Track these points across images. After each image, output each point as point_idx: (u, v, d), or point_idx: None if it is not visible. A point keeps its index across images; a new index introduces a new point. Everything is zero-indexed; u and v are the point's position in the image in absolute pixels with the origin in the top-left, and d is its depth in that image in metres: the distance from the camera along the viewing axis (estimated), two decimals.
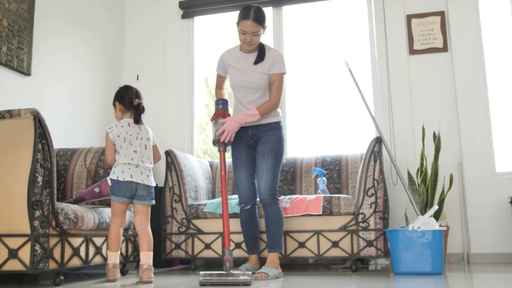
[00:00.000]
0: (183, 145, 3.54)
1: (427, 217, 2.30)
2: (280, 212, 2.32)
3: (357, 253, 2.51)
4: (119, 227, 2.13)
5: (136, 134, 2.17)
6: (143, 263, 2.08)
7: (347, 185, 2.96)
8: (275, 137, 2.33)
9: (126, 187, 2.07)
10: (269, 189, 2.28)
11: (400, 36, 3.28)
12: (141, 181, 2.10)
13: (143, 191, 2.10)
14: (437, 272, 2.26)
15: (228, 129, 2.23)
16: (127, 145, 2.12)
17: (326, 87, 3.55)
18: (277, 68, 2.31)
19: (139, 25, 3.77)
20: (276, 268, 2.25)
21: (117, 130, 2.14)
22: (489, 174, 2.99)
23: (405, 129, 3.18)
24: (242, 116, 2.28)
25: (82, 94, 3.25)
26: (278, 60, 2.31)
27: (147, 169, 2.15)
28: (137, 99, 2.19)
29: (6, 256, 1.85)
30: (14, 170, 1.88)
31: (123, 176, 2.07)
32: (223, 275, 1.89)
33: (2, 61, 2.55)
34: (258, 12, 2.24)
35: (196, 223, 2.74)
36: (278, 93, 2.31)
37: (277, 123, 2.36)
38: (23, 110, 1.91)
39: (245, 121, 2.27)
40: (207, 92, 4.02)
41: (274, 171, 2.29)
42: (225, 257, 1.92)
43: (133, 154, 2.12)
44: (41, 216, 1.90)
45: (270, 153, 2.30)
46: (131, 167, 2.10)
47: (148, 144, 2.21)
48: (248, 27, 2.22)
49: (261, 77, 2.32)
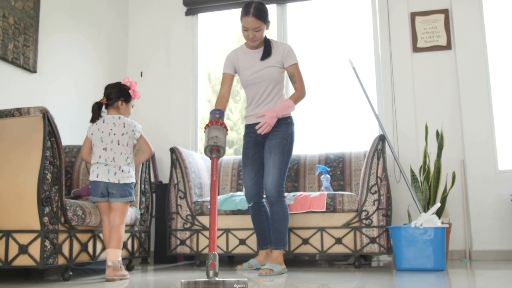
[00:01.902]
0: (187, 142, 3.56)
1: (429, 214, 2.33)
2: (286, 210, 2.32)
3: (360, 250, 2.54)
4: (108, 223, 2.14)
5: (109, 130, 2.14)
6: (108, 260, 2.03)
7: (350, 182, 2.99)
8: (282, 133, 2.31)
9: (96, 186, 2.09)
10: (275, 186, 2.27)
11: (403, 34, 3.28)
12: (107, 180, 2.07)
13: (112, 189, 2.09)
14: (439, 268, 2.28)
15: (268, 122, 2.23)
16: (98, 142, 2.13)
17: (329, 85, 3.56)
18: (291, 60, 2.34)
19: (143, 22, 3.78)
20: (280, 265, 2.27)
21: (92, 128, 2.17)
22: (491, 172, 3.01)
23: (408, 126, 3.19)
24: (278, 108, 2.27)
25: (87, 91, 3.27)
26: (289, 52, 2.35)
27: (116, 166, 2.10)
28: (104, 96, 2.19)
29: (17, 252, 1.88)
30: (24, 168, 1.91)
31: (92, 176, 2.10)
32: (211, 284, 1.48)
33: (9, 58, 2.57)
34: (259, 8, 2.24)
35: (201, 219, 2.77)
36: (302, 82, 2.34)
37: (286, 119, 2.33)
38: (32, 108, 1.93)
39: (282, 113, 2.27)
40: (210, 87, 4.04)
41: (281, 168, 2.28)
42: (210, 261, 1.56)
43: (102, 151, 2.11)
44: (51, 213, 1.93)
45: (277, 149, 2.28)
46: (100, 166, 2.10)
47: (123, 139, 2.14)
48: (249, 23, 2.23)
49: (272, 70, 2.33)
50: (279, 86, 2.36)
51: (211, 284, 1.46)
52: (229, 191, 3.17)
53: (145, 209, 2.68)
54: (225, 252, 2.70)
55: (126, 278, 2.08)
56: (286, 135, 2.31)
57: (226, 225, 2.72)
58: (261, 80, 2.33)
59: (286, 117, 2.34)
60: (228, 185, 3.19)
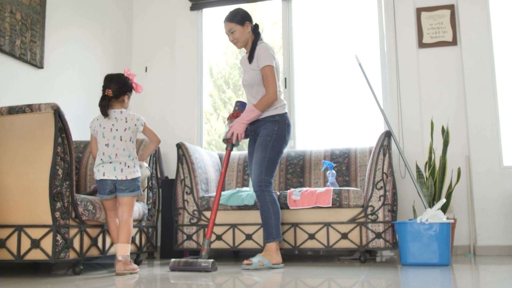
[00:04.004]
0: (192, 137, 3.58)
1: (434, 210, 2.34)
2: (268, 204, 2.32)
3: (365, 245, 2.56)
4: (115, 218, 2.17)
5: (111, 126, 2.11)
6: (118, 255, 2.05)
7: (356, 178, 3.00)
8: (267, 131, 2.38)
9: (103, 184, 2.09)
10: (257, 181, 2.34)
11: (409, 30, 3.28)
12: (114, 177, 2.07)
13: (120, 185, 2.10)
14: (444, 263, 2.30)
15: (235, 130, 2.37)
16: (100, 138, 2.11)
17: (335, 80, 3.57)
18: (262, 62, 2.36)
19: (148, 17, 3.78)
20: (269, 258, 2.27)
21: (93, 124, 2.15)
22: (496, 168, 3.02)
23: (414, 122, 3.20)
24: (243, 114, 2.38)
25: (93, 86, 3.28)
26: (260, 54, 2.37)
27: (121, 163, 2.09)
28: (108, 89, 2.09)
29: (29, 246, 1.91)
30: (35, 163, 1.93)
31: (98, 175, 2.09)
32: (188, 263, 2.17)
33: (16, 54, 2.58)
34: (232, 12, 2.43)
35: (207, 214, 2.79)
36: (269, 85, 2.34)
37: (272, 117, 2.38)
38: (43, 105, 1.95)
39: (247, 119, 2.36)
40: (212, 82, 4.05)
41: (262, 164, 2.33)
42: (202, 246, 2.22)
43: (105, 148, 2.10)
44: (62, 208, 1.95)
45: (260, 147, 2.36)
46: (105, 165, 2.09)
47: (125, 135, 2.12)
48: (225, 27, 2.43)
49: (253, 74, 2.41)
50: (260, 86, 2.39)
51: (187, 262, 2.16)
52: (235, 186, 3.19)
53: (152, 204, 2.70)
54: (232, 247, 2.73)
55: (135, 272, 2.11)
56: (270, 132, 2.37)
57: (232, 220, 2.74)
58: (247, 83, 2.44)
59: (273, 115, 2.39)
60: (234, 181, 3.21)
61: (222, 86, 4.77)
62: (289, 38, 3.56)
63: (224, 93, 4.79)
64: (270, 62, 2.35)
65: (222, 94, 4.77)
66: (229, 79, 4.85)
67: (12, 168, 1.97)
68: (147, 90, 3.66)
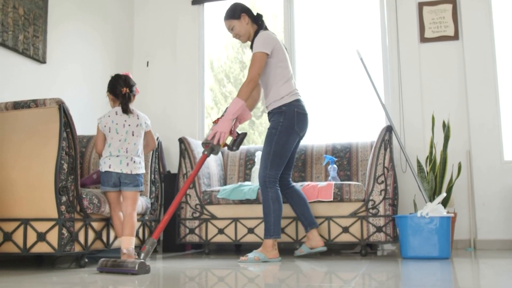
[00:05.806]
0: (194, 131, 3.60)
1: (435, 204, 2.37)
2: (269, 201, 2.31)
3: (366, 239, 2.58)
4: (119, 212, 2.20)
5: (124, 121, 2.18)
6: (123, 247, 2.09)
7: (357, 172, 3.02)
8: (273, 123, 2.36)
9: (108, 177, 2.13)
10: (261, 177, 2.34)
11: (411, 24, 3.28)
12: (120, 170, 2.12)
13: (125, 179, 2.14)
14: (444, 257, 2.33)
15: (218, 130, 2.15)
16: (113, 134, 2.16)
17: (337, 75, 3.57)
18: (254, 49, 2.33)
19: (149, 12, 3.78)
20: (265, 253, 2.29)
21: (104, 120, 2.19)
22: (497, 162, 3.04)
23: (415, 117, 3.21)
24: (228, 109, 2.21)
25: (95, 80, 3.29)
26: (255, 42, 2.35)
27: (128, 157, 2.15)
28: (125, 87, 2.19)
29: (35, 239, 1.94)
30: (40, 158, 1.95)
31: (104, 167, 2.14)
32: (115, 264, 1.84)
33: (20, 49, 2.59)
34: (228, 9, 2.43)
35: (210, 208, 2.82)
36: (251, 69, 2.25)
37: (278, 108, 2.34)
38: (48, 100, 1.96)
39: (232, 112, 2.18)
40: (213, 76, 4.05)
41: (267, 158, 2.32)
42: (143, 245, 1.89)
43: (118, 143, 2.15)
44: (67, 201, 1.98)
45: (266, 141, 2.36)
46: (112, 158, 2.13)
47: (137, 130, 2.20)
48: (225, 25, 2.45)
49: None
50: (265, 76, 2.37)
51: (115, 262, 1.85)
52: (237, 181, 3.21)
53: (154, 198, 2.73)
54: (234, 240, 2.76)
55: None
56: (275, 124, 2.33)
57: (234, 214, 2.77)
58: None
59: (279, 106, 2.33)
60: (236, 175, 3.23)
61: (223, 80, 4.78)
62: (291, 32, 3.56)
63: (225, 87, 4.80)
64: (260, 49, 2.27)
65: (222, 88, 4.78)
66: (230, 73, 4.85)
67: (18, 162, 1.99)
68: (148, 84, 3.67)
